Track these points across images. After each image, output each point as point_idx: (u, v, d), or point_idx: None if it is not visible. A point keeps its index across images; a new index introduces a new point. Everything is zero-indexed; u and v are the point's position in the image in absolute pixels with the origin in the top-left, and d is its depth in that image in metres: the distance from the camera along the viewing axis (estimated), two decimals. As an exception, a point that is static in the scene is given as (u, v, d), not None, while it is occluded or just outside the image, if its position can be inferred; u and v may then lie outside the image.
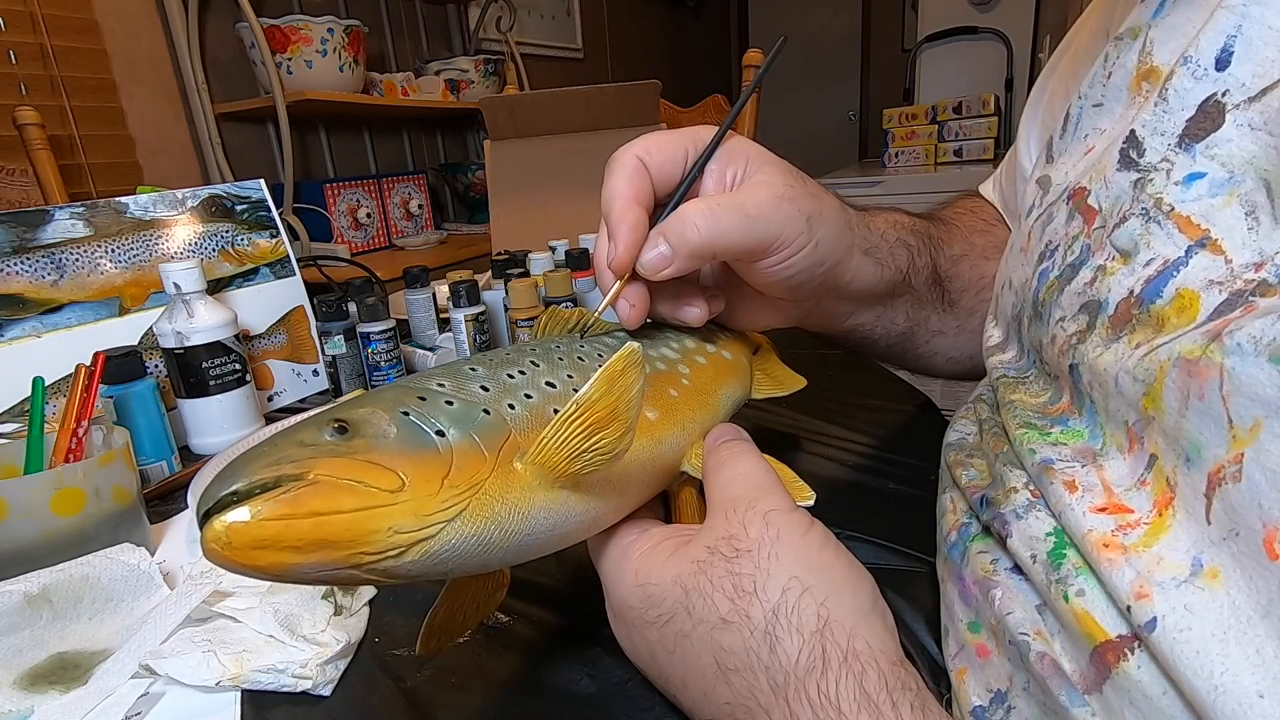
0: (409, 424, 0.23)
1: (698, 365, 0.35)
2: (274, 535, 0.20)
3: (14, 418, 0.54)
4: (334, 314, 0.69)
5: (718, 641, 0.23)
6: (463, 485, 0.23)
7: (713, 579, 0.24)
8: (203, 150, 1.50)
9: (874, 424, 0.56)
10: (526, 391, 0.27)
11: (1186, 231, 0.23)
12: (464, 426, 0.24)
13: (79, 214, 0.60)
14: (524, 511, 0.24)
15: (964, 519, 0.31)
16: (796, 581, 0.23)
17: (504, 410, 0.26)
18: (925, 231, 0.43)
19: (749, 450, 0.29)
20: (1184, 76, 0.25)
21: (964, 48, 2.66)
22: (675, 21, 3.51)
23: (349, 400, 0.25)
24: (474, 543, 0.23)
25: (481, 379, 0.27)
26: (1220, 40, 0.24)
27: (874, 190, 2.14)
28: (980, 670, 0.26)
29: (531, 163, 1.17)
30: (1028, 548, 0.25)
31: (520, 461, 0.24)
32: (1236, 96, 0.23)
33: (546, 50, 2.52)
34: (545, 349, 0.30)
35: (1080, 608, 0.21)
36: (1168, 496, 0.20)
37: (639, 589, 0.26)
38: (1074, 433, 0.26)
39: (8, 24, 1.19)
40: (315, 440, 0.22)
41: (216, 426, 0.60)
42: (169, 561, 0.44)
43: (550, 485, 0.25)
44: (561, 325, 0.35)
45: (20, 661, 0.35)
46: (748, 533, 0.25)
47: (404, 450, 0.22)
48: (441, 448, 0.23)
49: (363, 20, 1.56)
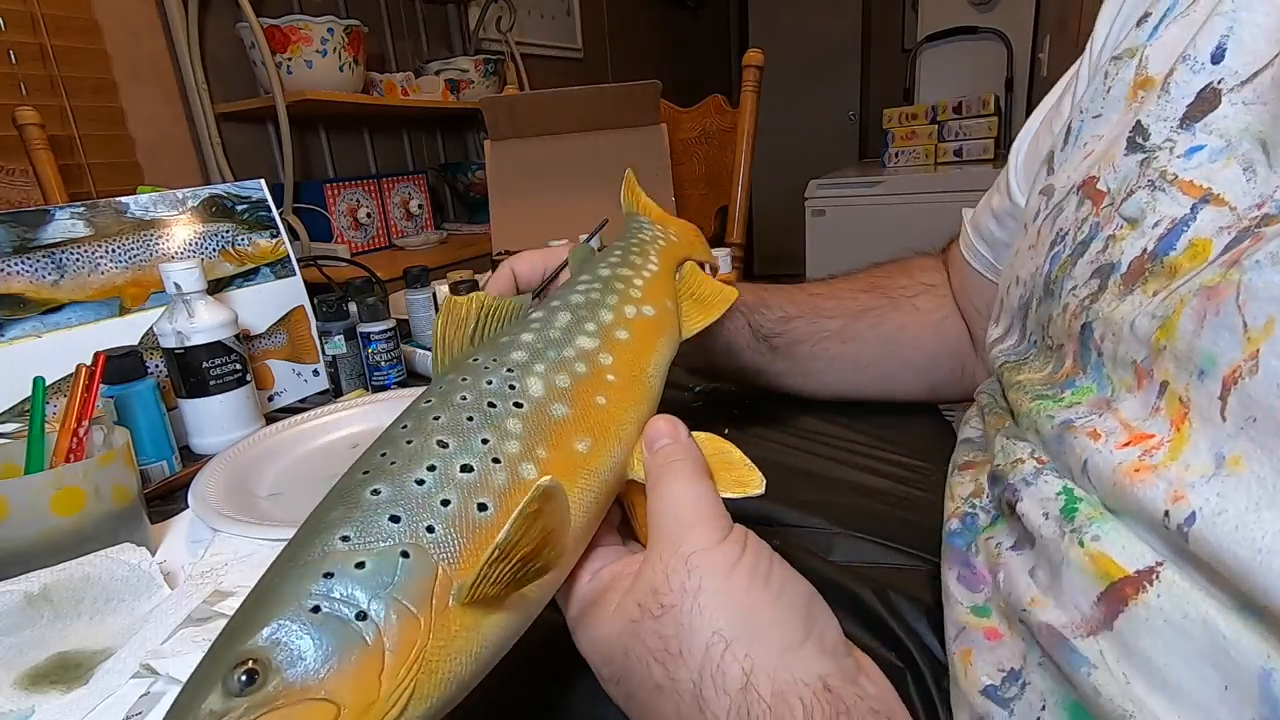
0: (323, 626, 0.20)
1: (620, 344, 0.32)
2: None
3: (14, 417, 0.54)
4: (334, 314, 0.69)
5: (657, 706, 0.24)
6: (404, 668, 0.20)
7: (645, 641, 0.24)
8: (203, 150, 1.50)
9: (875, 424, 0.56)
10: (443, 497, 0.23)
11: (1189, 193, 0.25)
12: (385, 594, 0.21)
13: (79, 214, 0.60)
14: (474, 652, 0.22)
15: (967, 508, 0.32)
16: (719, 637, 0.23)
17: (423, 539, 0.22)
18: (748, 301, 0.52)
19: (683, 460, 0.27)
20: (1184, 71, 0.27)
21: (964, 48, 2.66)
22: (675, 21, 3.51)
23: (253, 604, 0.21)
24: (437, 705, 0.21)
25: (389, 505, 0.23)
26: (1215, 40, 0.27)
27: (874, 190, 2.15)
28: (990, 652, 0.26)
29: (531, 163, 1.17)
30: (1039, 508, 0.26)
31: (455, 601, 0.22)
32: (1230, 82, 0.26)
33: (546, 50, 2.52)
34: (449, 406, 0.26)
35: (1096, 550, 0.22)
36: (1182, 413, 0.21)
37: (593, 648, 0.26)
38: (1083, 390, 0.27)
39: (8, 24, 1.19)
40: (225, 706, 0.19)
41: (217, 426, 0.60)
42: (169, 561, 0.44)
43: (493, 609, 0.23)
44: (461, 329, 0.31)
45: (21, 661, 0.35)
46: (669, 584, 0.24)
47: (327, 665, 0.19)
48: (369, 636, 0.20)
49: (363, 20, 1.56)
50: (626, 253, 0.39)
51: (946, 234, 0.59)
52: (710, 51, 3.87)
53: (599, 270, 0.36)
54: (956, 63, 2.68)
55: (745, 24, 3.95)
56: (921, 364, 0.55)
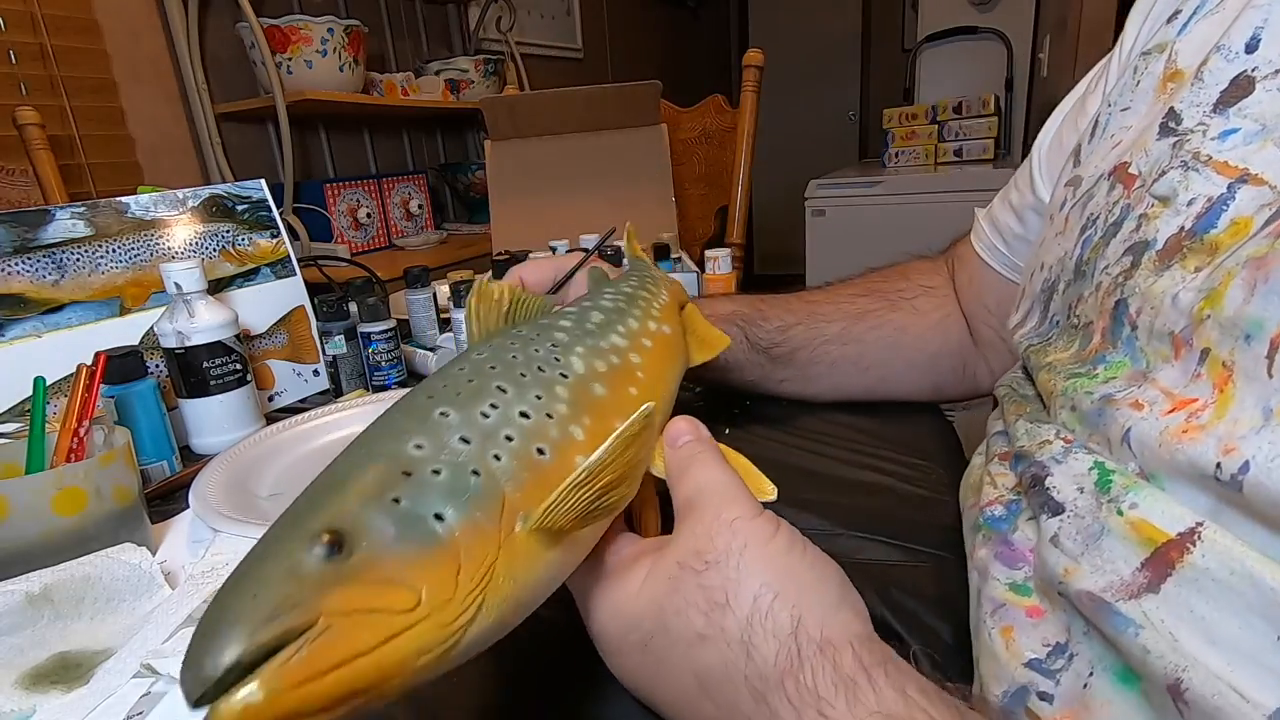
0: (405, 517, 0.20)
1: (646, 351, 0.34)
2: (298, 705, 0.17)
3: (15, 417, 0.54)
4: (334, 314, 0.69)
5: (696, 659, 0.24)
6: (477, 577, 0.20)
7: (685, 595, 0.24)
8: (203, 150, 1.50)
9: (876, 423, 0.56)
10: (506, 432, 0.24)
11: (1224, 174, 0.26)
12: (461, 502, 0.21)
13: (80, 214, 0.60)
14: (533, 582, 0.23)
15: (1012, 496, 0.33)
16: (767, 588, 0.23)
17: (491, 466, 0.23)
18: (745, 314, 0.54)
19: (709, 452, 0.29)
20: (1217, 60, 0.28)
21: (964, 48, 2.65)
22: (675, 21, 3.51)
23: (324, 489, 0.21)
24: (493, 631, 0.21)
25: (457, 427, 0.23)
26: (1249, 31, 0.27)
27: (874, 190, 2.14)
28: (1033, 629, 0.27)
29: (531, 163, 1.17)
30: (1072, 483, 0.26)
31: (522, 526, 0.22)
32: (1265, 70, 0.26)
33: (546, 50, 2.52)
34: (503, 362, 0.27)
35: (1136, 517, 0.23)
36: (1225, 375, 0.22)
37: (616, 618, 0.26)
38: (1116, 365, 0.28)
39: (8, 24, 1.19)
40: (310, 569, 0.18)
41: (217, 426, 0.60)
42: (170, 561, 0.44)
43: (551, 545, 0.23)
44: (495, 308, 0.32)
45: (22, 661, 0.35)
46: (714, 544, 0.25)
47: (409, 555, 0.20)
48: (446, 537, 0.20)
49: (363, 20, 1.56)
50: (643, 280, 0.41)
51: (947, 234, 0.59)
52: (710, 51, 3.87)
53: (622, 287, 0.39)
54: (956, 63, 2.68)
55: (745, 24, 3.95)
56: (924, 363, 0.55)
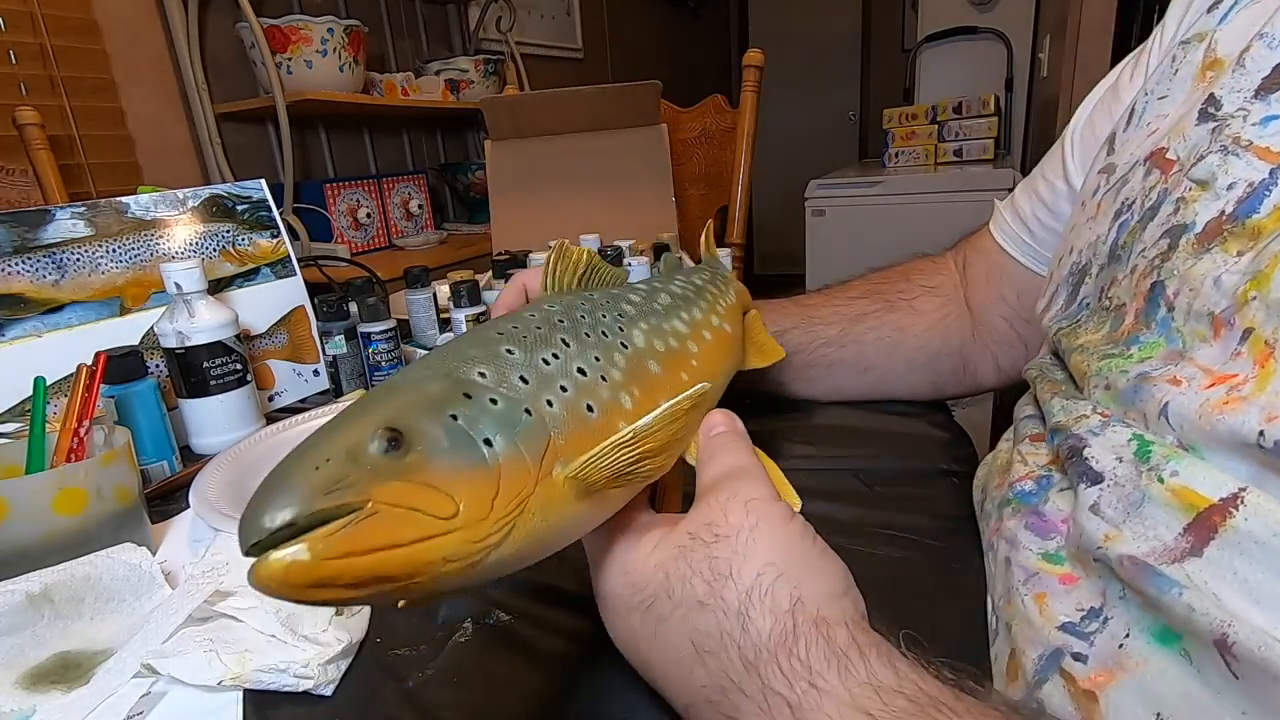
0: (458, 434, 0.22)
1: (704, 342, 0.35)
2: (333, 574, 0.19)
3: (15, 417, 0.54)
4: (335, 314, 0.69)
5: (694, 624, 0.24)
6: (510, 505, 0.22)
7: (692, 563, 0.25)
8: (203, 150, 1.50)
9: (878, 422, 0.56)
10: (561, 383, 0.26)
11: (1265, 159, 0.26)
12: (510, 434, 0.23)
13: (80, 214, 0.60)
14: (559, 525, 0.24)
15: (1043, 473, 0.33)
16: (771, 567, 0.24)
17: (543, 409, 0.24)
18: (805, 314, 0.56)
19: (739, 441, 0.30)
20: (1260, 48, 0.29)
21: (964, 48, 2.65)
22: (675, 21, 3.51)
23: (391, 390, 0.23)
24: (511, 560, 0.23)
25: (520, 366, 0.25)
26: None
27: (874, 190, 2.14)
28: (1066, 595, 0.28)
29: (531, 163, 1.17)
30: (1111, 453, 0.27)
31: (560, 471, 0.23)
32: None
33: (546, 50, 2.52)
34: (571, 319, 0.29)
35: (1177, 484, 0.23)
36: (1266, 352, 0.23)
37: (624, 576, 0.27)
38: (1151, 345, 0.28)
39: (8, 24, 1.18)
40: (369, 457, 0.20)
41: (217, 426, 0.60)
42: (170, 561, 0.44)
43: (582, 496, 0.24)
44: (572, 269, 0.33)
45: (22, 661, 0.35)
46: (728, 519, 0.25)
47: (456, 468, 0.21)
48: (491, 462, 0.22)
49: (363, 20, 1.56)
50: (714, 277, 0.42)
51: (947, 234, 0.59)
52: (710, 51, 3.87)
53: (694, 279, 0.39)
54: (956, 63, 2.68)
55: (745, 24, 3.96)
56: (924, 363, 0.55)
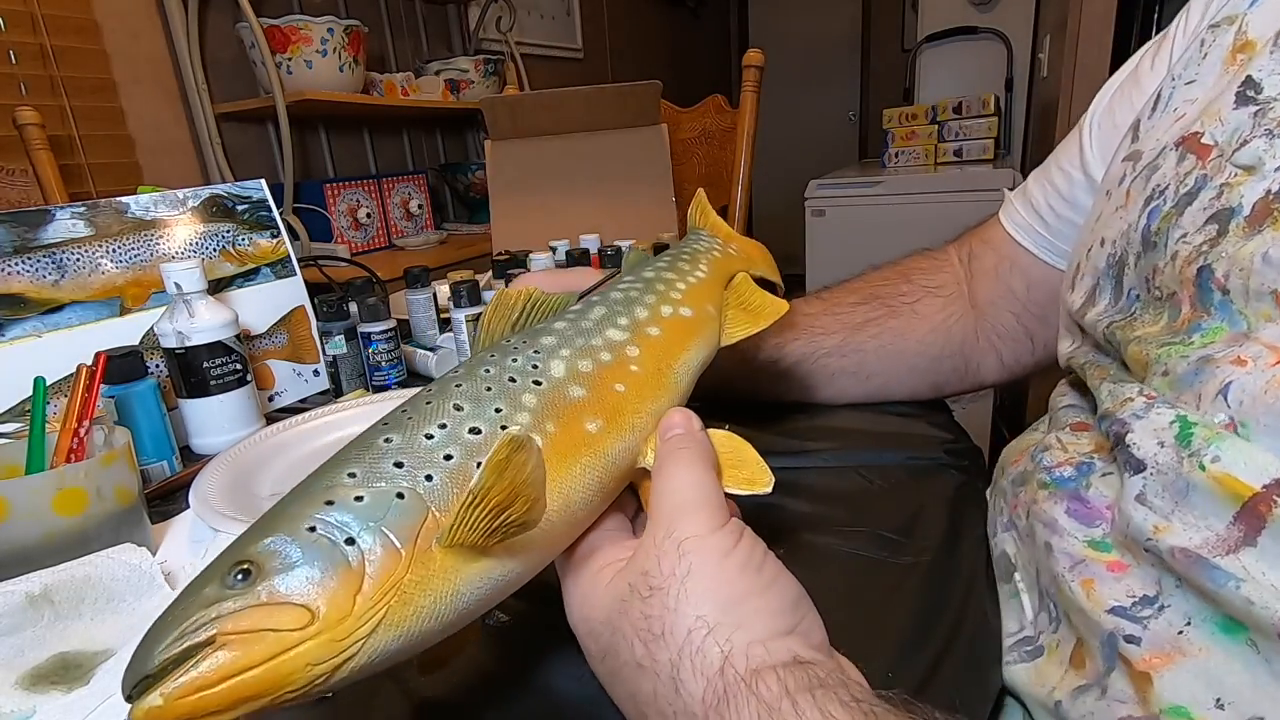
0: (314, 544, 0.22)
1: (650, 339, 0.33)
2: (191, 709, 0.20)
3: (15, 418, 0.54)
4: (335, 314, 0.69)
5: (637, 684, 0.24)
6: (378, 594, 0.22)
7: (630, 620, 0.25)
8: (203, 150, 1.50)
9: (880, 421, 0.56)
10: (446, 451, 0.25)
11: None
12: (375, 525, 0.23)
13: (80, 214, 0.60)
14: (451, 593, 0.24)
15: (1083, 459, 0.33)
16: (703, 622, 0.23)
17: (420, 486, 0.24)
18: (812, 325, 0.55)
19: (691, 450, 0.28)
20: None
21: (964, 48, 2.65)
22: (675, 21, 3.51)
23: (261, 521, 0.24)
24: (403, 641, 0.23)
25: (396, 452, 0.25)
26: None
27: (874, 190, 2.14)
28: (1116, 582, 0.28)
29: (531, 163, 1.17)
30: (1154, 437, 0.27)
31: (437, 545, 0.24)
32: None
33: (546, 50, 2.52)
34: (474, 375, 0.29)
35: (1219, 471, 0.23)
36: None
37: (584, 620, 0.27)
38: (1213, 330, 0.27)
39: (8, 24, 1.19)
40: (218, 595, 0.21)
41: (217, 426, 0.60)
42: (170, 561, 0.44)
43: (475, 557, 0.24)
44: (506, 317, 0.33)
45: (22, 661, 0.35)
46: (660, 568, 0.24)
47: (309, 579, 0.22)
48: (353, 559, 0.22)
49: (363, 20, 1.56)
50: (675, 259, 0.41)
51: (946, 234, 0.59)
52: (710, 51, 3.87)
53: (644, 272, 0.39)
54: (956, 63, 2.68)
55: (745, 24, 3.96)
56: (926, 366, 0.55)
